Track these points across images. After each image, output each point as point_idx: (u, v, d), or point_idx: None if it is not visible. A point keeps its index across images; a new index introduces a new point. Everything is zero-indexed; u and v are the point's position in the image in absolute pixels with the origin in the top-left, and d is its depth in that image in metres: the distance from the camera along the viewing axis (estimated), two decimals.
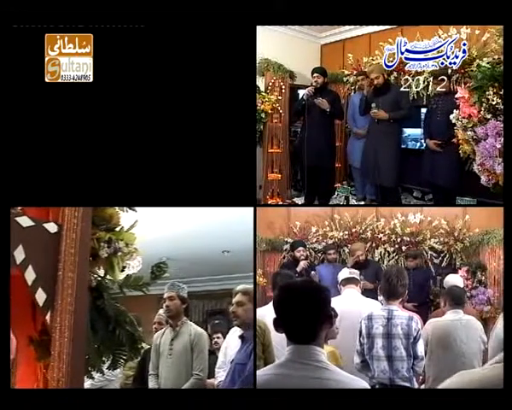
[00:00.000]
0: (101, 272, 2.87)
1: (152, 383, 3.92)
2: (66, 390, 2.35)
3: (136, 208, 3.12)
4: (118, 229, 2.96)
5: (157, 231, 4.79)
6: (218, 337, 5.03)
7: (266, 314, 3.35)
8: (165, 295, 3.97)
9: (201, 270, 6.93)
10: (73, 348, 2.38)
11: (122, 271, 2.97)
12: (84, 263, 2.55)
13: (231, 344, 4.00)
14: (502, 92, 3.65)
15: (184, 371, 3.83)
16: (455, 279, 4.47)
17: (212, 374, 4.09)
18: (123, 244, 2.88)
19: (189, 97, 2.92)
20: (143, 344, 4.13)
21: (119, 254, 2.89)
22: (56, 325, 2.37)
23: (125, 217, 3.06)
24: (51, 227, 2.49)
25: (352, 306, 3.68)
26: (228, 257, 6.36)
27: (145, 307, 4.99)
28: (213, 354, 4.58)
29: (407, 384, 3.22)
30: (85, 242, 2.57)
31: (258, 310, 3.65)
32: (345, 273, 4.04)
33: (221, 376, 3.96)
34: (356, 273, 4.07)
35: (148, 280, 3.06)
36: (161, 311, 4.49)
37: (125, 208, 3.04)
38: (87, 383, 3.32)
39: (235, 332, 3.91)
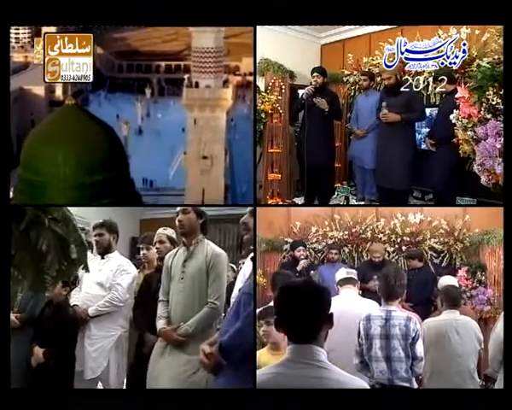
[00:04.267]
0: None
1: (161, 311, 3.44)
2: (65, 390, 2.35)
3: None
4: None
5: None
6: None
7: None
8: (178, 209, 3.41)
9: None
10: None
11: None
12: None
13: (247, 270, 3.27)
14: (502, 92, 3.66)
15: (198, 298, 3.32)
16: (450, 281, 4.47)
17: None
18: None
19: None
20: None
21: None
22: None
23: None
24: None
25: (349, 306, 3.67)
26: None
27: None
28: None
29: (406, 385, 3.21)
30: None
31: None
32: (342, 273, 4.02)
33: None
34: (353, 273, 4.06)
35: None
36: (160, 229, 4.01)
37: None
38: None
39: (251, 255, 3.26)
